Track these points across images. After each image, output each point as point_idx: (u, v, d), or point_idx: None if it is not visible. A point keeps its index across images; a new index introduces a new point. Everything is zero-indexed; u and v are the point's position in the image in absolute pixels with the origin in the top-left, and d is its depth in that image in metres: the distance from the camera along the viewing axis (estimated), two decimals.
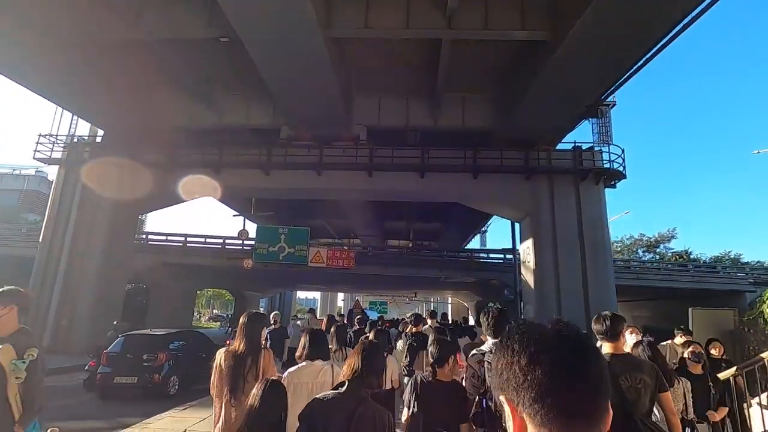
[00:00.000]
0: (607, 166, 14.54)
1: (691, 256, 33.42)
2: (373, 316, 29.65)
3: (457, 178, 14.79)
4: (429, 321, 8.02)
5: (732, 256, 33.03)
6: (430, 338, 4.20)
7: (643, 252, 36.14)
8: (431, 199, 16.25)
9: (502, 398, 0.68)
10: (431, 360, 3.03)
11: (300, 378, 2.80)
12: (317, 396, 2.11)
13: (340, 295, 75.32)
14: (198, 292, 60.72)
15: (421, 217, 27.19)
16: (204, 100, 15.76)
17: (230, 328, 23.16)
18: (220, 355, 2.99)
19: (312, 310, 11.05)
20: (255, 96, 15.99)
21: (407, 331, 6.06)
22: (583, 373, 0.63)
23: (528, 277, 14.58)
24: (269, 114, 15.94)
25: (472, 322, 19.48)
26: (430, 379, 2.94)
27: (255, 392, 2.14)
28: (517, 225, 16.81)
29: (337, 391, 2.10)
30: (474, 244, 35.81)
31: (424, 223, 29.40)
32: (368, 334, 5.49)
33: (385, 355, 4.52)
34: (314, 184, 15.08)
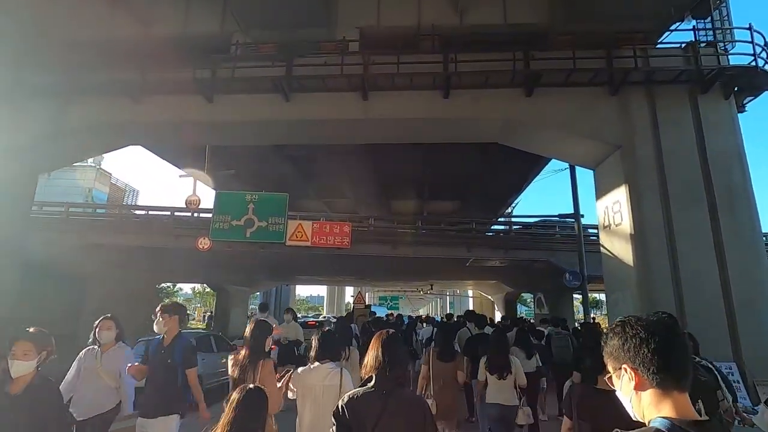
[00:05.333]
0: (743, 64, 8.99)
1: None
2: (381, 312, 24.57)
3: (500, 98, 9.47)
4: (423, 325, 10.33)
5: None
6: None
7: None
8: (458, 137, 10.97)
9: (624, 366, 1.08)
10: None
11: (305, 381, 2.88)
12: (348, 394, 2.08)
13: (349, 290, 69.51)
14: (170, 287, 54.49)
15: (434, 194, 22.19)
16: (123, 3, 10.77)
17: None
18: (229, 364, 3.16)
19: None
20: None
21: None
22: (686, 353, 1.06)
23: (616, 248, 9.24)
24: (216, 18, 10.81)
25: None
26: None
27: (232, 399, 1.97)
28: (588, 176, 11.48)
29: (366, 387, 2.07)
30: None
31: (438, 202, 24.40)
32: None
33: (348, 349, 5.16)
34: (280, 114, 9.88)
